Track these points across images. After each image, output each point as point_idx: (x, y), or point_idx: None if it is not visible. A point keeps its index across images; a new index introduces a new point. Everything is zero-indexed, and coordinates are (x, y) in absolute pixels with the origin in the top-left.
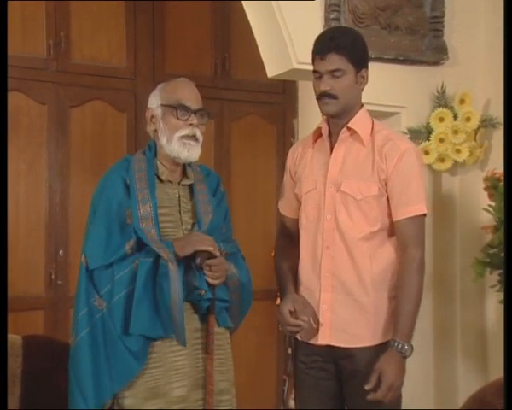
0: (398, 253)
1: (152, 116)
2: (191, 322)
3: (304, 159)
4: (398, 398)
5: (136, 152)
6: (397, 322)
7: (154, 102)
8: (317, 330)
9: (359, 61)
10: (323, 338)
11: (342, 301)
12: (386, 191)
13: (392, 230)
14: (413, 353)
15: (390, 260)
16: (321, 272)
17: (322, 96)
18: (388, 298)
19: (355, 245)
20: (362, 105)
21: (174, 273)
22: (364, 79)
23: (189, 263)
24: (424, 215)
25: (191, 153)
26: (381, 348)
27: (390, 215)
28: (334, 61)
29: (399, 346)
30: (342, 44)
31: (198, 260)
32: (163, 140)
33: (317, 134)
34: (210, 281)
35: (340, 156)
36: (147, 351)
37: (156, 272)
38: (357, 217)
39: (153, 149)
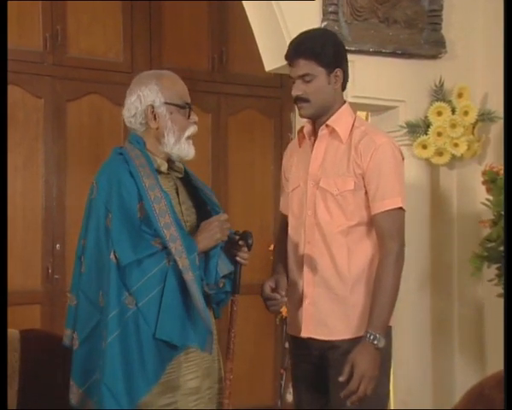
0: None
1: (154, 114)
2: None
3: (292, 158)
4: (379, 394)
5: (123, 147)
6: (371, 313)
7: (155, 99)
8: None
9: (330, 63)
10: (306, 331)
11: (323, 295)
12: (365, 186)
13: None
14: (411, 346)
15: (370, 255)
16: (303, 266)
17: (296, 101)
18: (368, 292)
19: (333, 239)
20: (344, 102)
21: (192, 284)
22: (339, 79)
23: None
24: (401, 209)
25: (193, 151)
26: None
27: (369, 210)
28: (302, 66)
29: (371, 337)
30: (309, 49)
31: (251, 242)
32: (170, 140)
33: (301, 134)
34: (243, 261)
35: (320, 154)
36: (173, 353)
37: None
38: (335, 212)
39: (142, 144)
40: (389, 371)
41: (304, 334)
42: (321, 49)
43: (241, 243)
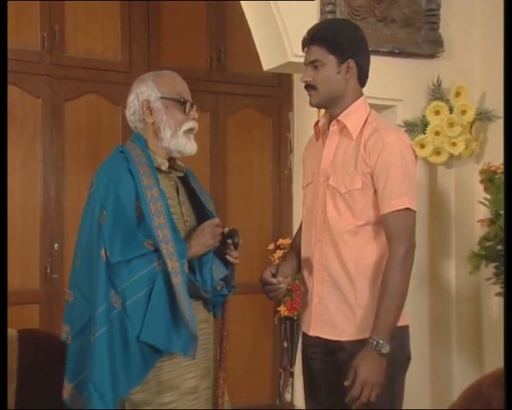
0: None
1: (150, 109)
2: (199, 313)
3: (307, 153)
4: (392, 398)
5: (125, 145)
6: (375, 318)
7: (151, 94)
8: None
9: (342, 52)
10: (314, 330)
11: (332, 294)
12: (373, 185)
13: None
14: (410, 346)
15: (379, 255)
16: (314, 264)
17: (306, 88)
18: (376, 294)
19: (341, 238)
20: (360, 96)
21: (179, 287)
22: (352, 70)
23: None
24: (409, 209)
25: (194, 146)
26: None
27: (378, 210)
28: (314, 52)
29: (374, 343)
30: (322, 36)
31: (237, 240)
32: (166, 134)
33: (317, 127)
34: (232, 260)
35: (331, 150)
36: (157, 356)
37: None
38: (344, 210)
39: (143, 142)
40: (404, 369)
41: (312, 332)
42: (334, 37)
43: (229, 241)
